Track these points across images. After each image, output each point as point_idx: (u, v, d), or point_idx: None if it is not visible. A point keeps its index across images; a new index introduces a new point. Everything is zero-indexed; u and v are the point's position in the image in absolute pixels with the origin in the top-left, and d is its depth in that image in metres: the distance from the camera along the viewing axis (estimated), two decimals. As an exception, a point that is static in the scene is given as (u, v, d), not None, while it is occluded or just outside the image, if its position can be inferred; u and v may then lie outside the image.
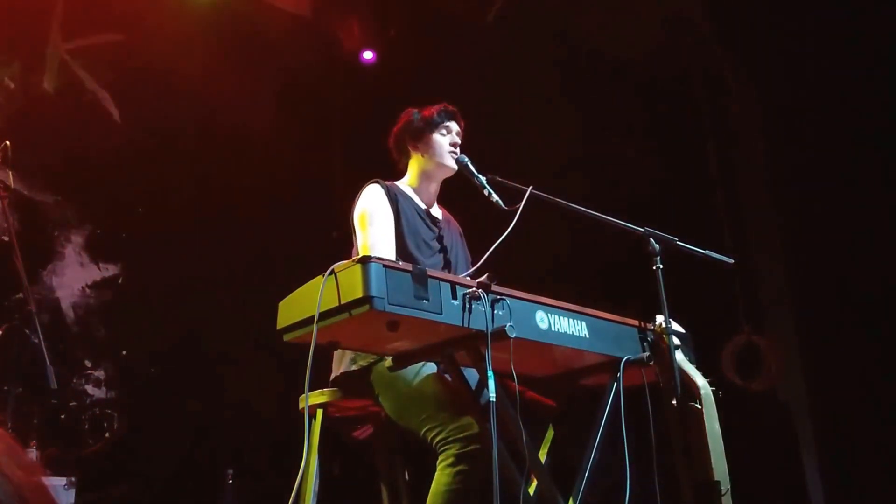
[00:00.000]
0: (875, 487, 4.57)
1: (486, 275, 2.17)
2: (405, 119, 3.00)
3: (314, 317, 2.02)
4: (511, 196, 2.73)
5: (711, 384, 2.47)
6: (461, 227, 3.13)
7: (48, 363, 3.16)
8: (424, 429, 2.42)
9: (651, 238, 2.60)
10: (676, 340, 2.49)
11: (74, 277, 4.62)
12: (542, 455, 2.64)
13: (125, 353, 4.67)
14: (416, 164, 2.98)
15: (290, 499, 2.24)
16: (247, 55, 5.38)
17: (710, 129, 5.64)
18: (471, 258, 3.02)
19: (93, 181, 4.69)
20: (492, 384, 2.08)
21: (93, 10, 4.82)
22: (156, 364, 4.72)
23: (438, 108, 2.94)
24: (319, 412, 2.67)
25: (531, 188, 2.70)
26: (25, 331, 3.51)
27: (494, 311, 2.13)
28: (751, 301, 5.30)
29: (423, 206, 2.95)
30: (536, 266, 4.81)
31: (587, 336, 2.38)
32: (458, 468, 2.32)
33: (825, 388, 4.94)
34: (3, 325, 3.55)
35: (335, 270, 2.03)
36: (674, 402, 2.40)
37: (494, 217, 2.70)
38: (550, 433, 2.72)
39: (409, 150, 2.98)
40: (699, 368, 2.52)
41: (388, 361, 2.41)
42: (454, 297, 2.09)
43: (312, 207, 5.41)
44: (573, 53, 5.59)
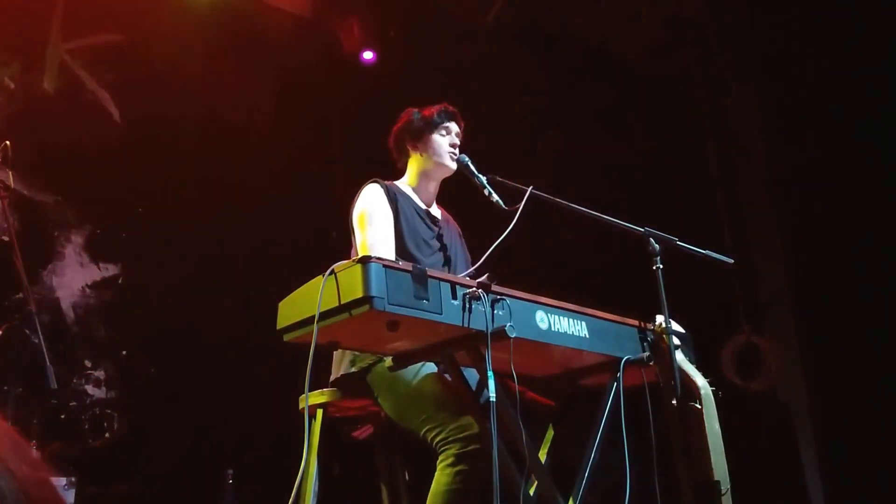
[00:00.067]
0: (875, 487, 4.57)
1: (486, 275, 2.17)
2: (405, 119, 3.00)
3: (314, 317, 2.02)
4: (511, 196, 2.73)
5: (711, 384, 2.47)
6: (461, 227, 3.13)
7: (48, 363, 3.15)
8: (424, 429, 2.41)
9: (651, 238, 2.60)
10: (676, 340, 2.49)
11: (74, 277, 4.62)
12: (542, 455, 2.64)
13: (125, 353, 4.66)
14: (416, 164, 2.98)
15: (290, 499, 2.24)
16: (247, 55, 5.38)
17: (710, 129, 5.64)
18: (470, 258, 3.02)
19: (93, 181, 4.68)
20: (492, 384, 2.07)
21: (93, 10, 4.82)
22: (156, 364, 4.71)
23: (439, 109, 2.94)
24: (319, 412, 2.67)
25: (531, 188, 2.70)
26: (25, 331, 3.51)
27: (494, 311, 2.13)
28: (751, 301, 5.30)
29: (423, 206, 2.95)
30: (536, 266, 4.82)
31: (587, 336, 2.37)
32: (458, 468, 2.31)
33: (825, 388, 4.95)
34: (3, 325, 3.55)
35: (335, 270, 2.03)
36: (674, 402, 2.40)
37: (494, 217, 2.71)
38: (550, 433, 2.71)
39: (409, 150, 2.99)
40: (699, 368, 2.52)
41: (388, 362, 2.41)
42: (454, 297, 2.08)
43: (312, 207, 5.41)
44: (573, 53, 5.60)
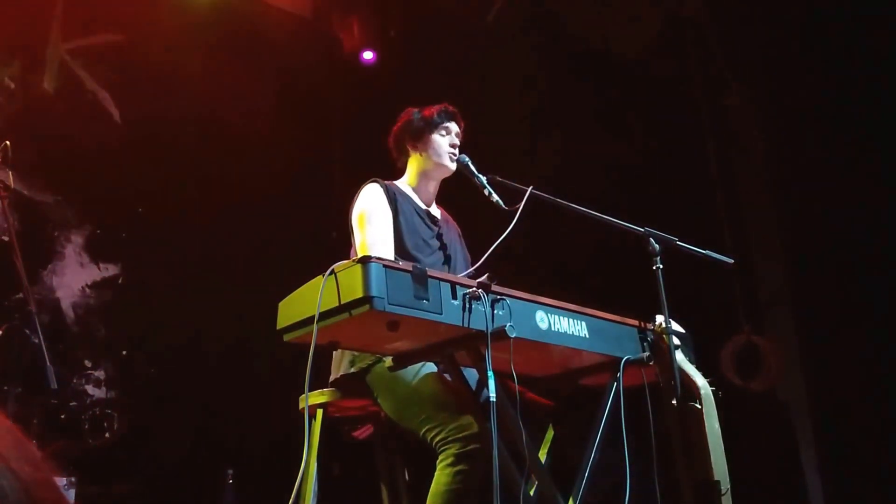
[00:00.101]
0: (875, 487, 4.57)
1: (486, 275, 2.17)
2: (405, 118, 2.99)
3: (314, 317, 2.02)
4: (511, 196, 2.73)
5: (711, 384, 2.47)
6: (461, 227, 3.13)
7: (48, 363, 3.15)
8: (424, 429, 2.41)
9: (651, 238, 2.60)
10: (676, 340, 2.49)
11: (74, 277, 4.62)
12: (542, 455, 2.64)
13: (125, 353, 4.66)
14: (415, 164, 2.98)
15: (291, 499, 2.24)
16: (247, 55, 5.38)
17: (710, 129, 5.64)
18: (470, 258, 3.02)
19: (93, 181, 4.68)
20: (492, 384, 2.07)
21: (93, 10, 4.82)
22: (156, 364, 4.71)
23: (439, 109, 2.94)
24: (319, 412, 2.67)
25: (531, 188, 2.70)
26: (25, 331, 3.51)
27: (494, 311, 2.13)
28: (751, 301, 5.30)
29: (423, 206, 2.94)
30: (536, 266, 4.81)
31: (587, 336, 2.37)
32: (458, 468, 2.31)
33: (825, 388, 4.94)
34: (3, 325, 3.55)
35: (335, 270, 2.03)
36: (674, 402, 2.40)
37: (494, 217, 2.71)
38: (550, 433, 2.71)
39: (409, 150, 2.98)
40: (699, 368, 2.52)
41: (387, 362, 2.41)
42: (454, 297, 2.08)
43: (312, 207, 5.41)
44: (573, 53, 5.59)
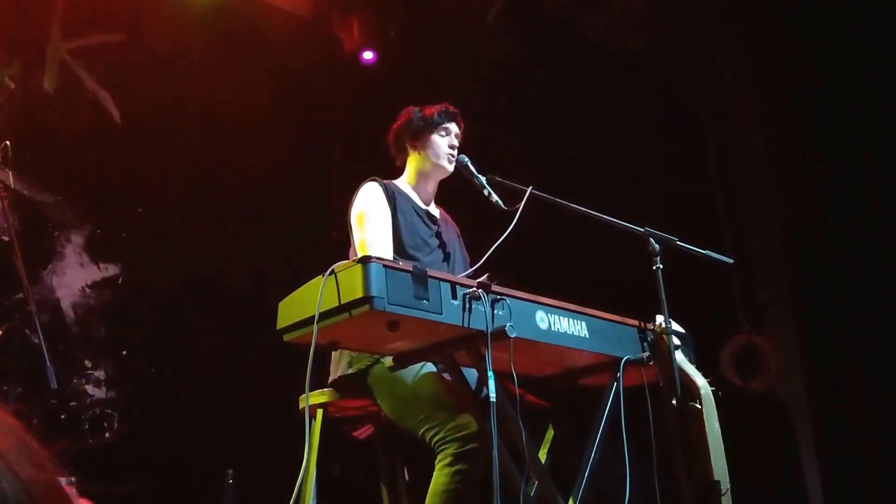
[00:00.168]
0: (875, 487, 4.57)
1: (486, 275, 2.17)
2: (405, 117, 2.98)
3: (314, 317, 2.02)
4: (511, 196, 2.73)
5: (711, 384, 2.47)
6: (461, 228, 3.13)
7: (48, 363, 3.15)
8: (423, 429, 2.41)
9: (651, 238, 2.60)
10: (676, 340, 2.49)
11: (74, 277, 4.62)
12: (542, 455, 2.64)
13: (125, 353, 4.66)
14: (414, 163, 2.97)
15: (291, 499, 2.24)
16: (247, 55, 5.38)
17: (710, 129, 5.64)
18: (468, 258, 3.02)
19: (93, 181, 4.68)
20: (492, 384, 2.07)
21: (93, 10, 4.82)
22: (156, 364, 4.71)
23: (439, 109, 2.93)
24: (319, 412, 2.67)
25: (531, 188, 2.70)
26: (25, 331, 3.51)
27: (494, 311, 2.13)
28: (751, 301, 5.30)
29: (421, 205, 2.94)
30: (536, 266, 4.81)
31: (587, 336, 2.37)
32: (457, 468, 2.31)
33: (825, 388, 4.95)
34: (3, 325, 3.55)
35: (335, 270, 2.03)
36: (674, 402, 2.40)
37: (494, 217, 2.71)
38: (550, 433, 2.71)
39: (408, 149, 2.97)
40: (699, 368, 2.52)
41: (387, 362, 2.41)
42: (454, 297, 2.08)
43: (312, 207, 5.41)
44: (573, 53, 5.59)
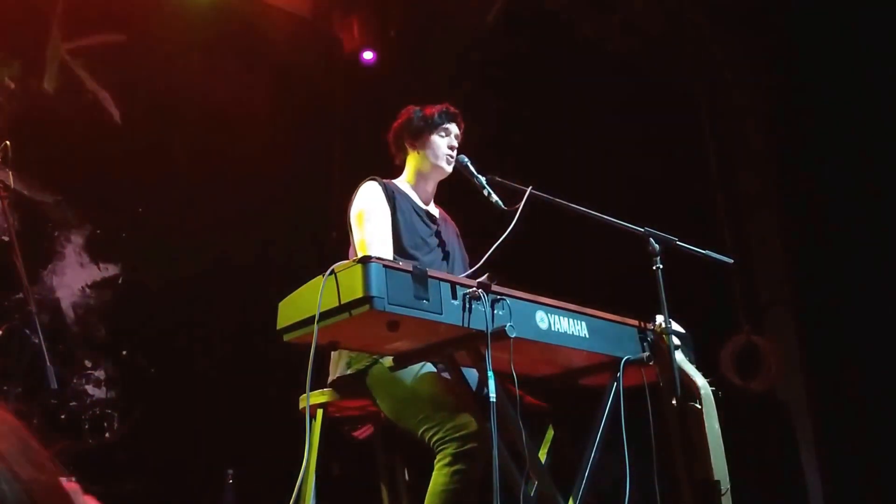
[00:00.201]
0: (875, 487, 4.57)
1: (486, 275, 2.17)
2: (405, 116, 2.97)
3: (314, 317, 2.02)
4: (511, 196, 2.73)
5: (711, 384, 2.47)
6: (461, 228, 3.13)
7: (48, 363, 3.15)
8: (422, 429, 2.41)
9: (651, 238, 2.60)
10: (676, 340, 2.49)
11: (74, 277, 4.61)
12: (542, 455, 2.64)
13: (125, 353, 4.66)
14: (413, 163, 2.97)
15: (291, 499, 2.24)
16: (247, 55, 5.38)
17: (710, 130, 5.65)
18: (468, 258, 3.01)
19: (93, 181, 4.67)
20: (492, 384, 2.07)
21: (93, 10, 4.82)
22: (156, 364, 4.71)
23: (440, 109, 2.92)
24: (319, 412, 2.67)
25: (531, 188, 2.70)
26: (25, 331, 3.51)
27: (494, 311, 2.13)
28: (751, 301, 5.31)
29: (421, 204, 2.94)
30: (536, 266, 4.81)
31: (587, 336, 2.37)
32: (456, 467, 2.31)
33: (825, 388, 4.95)
34: (3, 325, 3.55)
35: (335, 270, 2.03)
36: (674, 402, 2.40)
37: (494, 217, 2.71)
38: (550, 433, 2.71)
39: (407, 148, 2.97)
40: (699, 368, 2.52)
41: (388, 362, 2.41)
42: (454, 297, 2.08)
43: (312, 207, 5.41)
44: (572, 53, 5.60)
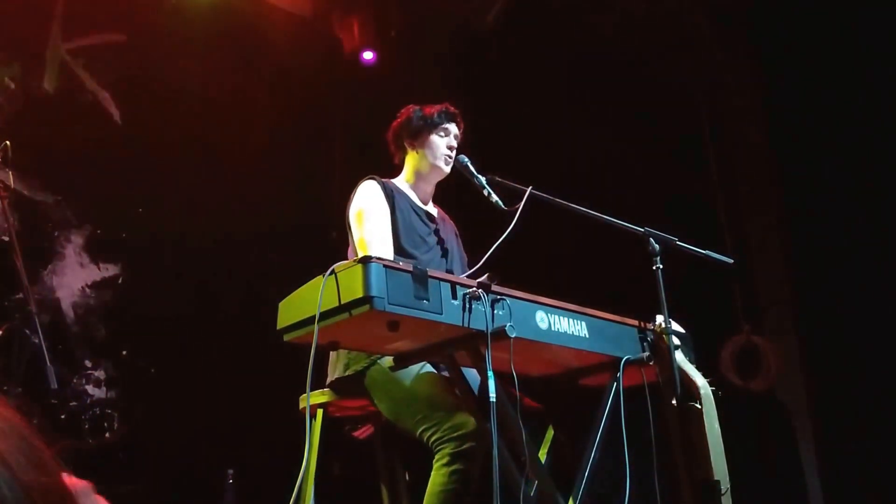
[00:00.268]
0: (875, 487, 4.57)
1: (487, 275, 2.17)
2: (405, 115, 2.97)
3: (314, 317, 2.02)
4: (511, 196, 2.73)
5: (711, 384, 2.47)
6: (461, 228, 3.13)
7: (48, 363, 3.15)
8: (420, 429, 2.41)
9: (651, 238, 2.60)
10: (676, 340, 2.49)
11: (74, 277, 4.61)
12: (542, 455, 2.64)
13: (125, 353, 4.66)
14: (412, 162, 2.97)
15: (291, 499, 2.24)
16: (247, 55, 5.38)
17: (710, 130, 5.65)
18: (466, 258, 3.02)
19: (93, 181, 4.68)
20: (492, 384, 2.07)
21: (93, 10, 4.82)
22: (156, 364, 4.71)
23: (440, 109, 2.92)
24: (319, 412, 2.67)
25: (531, 188, 2.70)
26: (25, 331, 3.51)
27: (494, 311, 2.13)
28: (750, 301, 5.31)
29: (420, 203, 2.93)
30: (536, 266, 4.81)
31: (587, 336, 2.37)
32: (454, 467, 2.31)
33: (825, 388, 4.95)
34: (3, 325, 3.55)
35: (335, 270, 2.03)
36: (674, 402, 2.40)
37: (494, 217, 2.71)
38: (550, 433, 2.71)
39: (406, 147, 2.97)
40: (699, 368, 2.52)
41: (386, 363, 2.41)
42: (454, 297, 2.08)
43: (312, 207, 5.41)
44: (573, 54, 5.60)
